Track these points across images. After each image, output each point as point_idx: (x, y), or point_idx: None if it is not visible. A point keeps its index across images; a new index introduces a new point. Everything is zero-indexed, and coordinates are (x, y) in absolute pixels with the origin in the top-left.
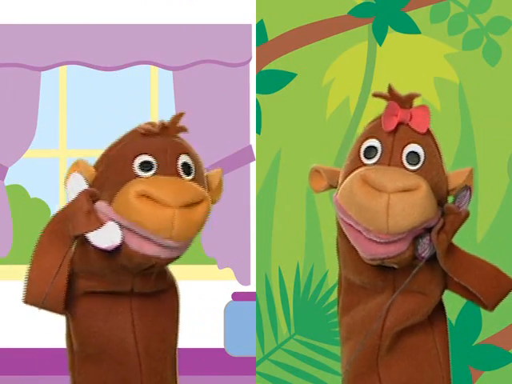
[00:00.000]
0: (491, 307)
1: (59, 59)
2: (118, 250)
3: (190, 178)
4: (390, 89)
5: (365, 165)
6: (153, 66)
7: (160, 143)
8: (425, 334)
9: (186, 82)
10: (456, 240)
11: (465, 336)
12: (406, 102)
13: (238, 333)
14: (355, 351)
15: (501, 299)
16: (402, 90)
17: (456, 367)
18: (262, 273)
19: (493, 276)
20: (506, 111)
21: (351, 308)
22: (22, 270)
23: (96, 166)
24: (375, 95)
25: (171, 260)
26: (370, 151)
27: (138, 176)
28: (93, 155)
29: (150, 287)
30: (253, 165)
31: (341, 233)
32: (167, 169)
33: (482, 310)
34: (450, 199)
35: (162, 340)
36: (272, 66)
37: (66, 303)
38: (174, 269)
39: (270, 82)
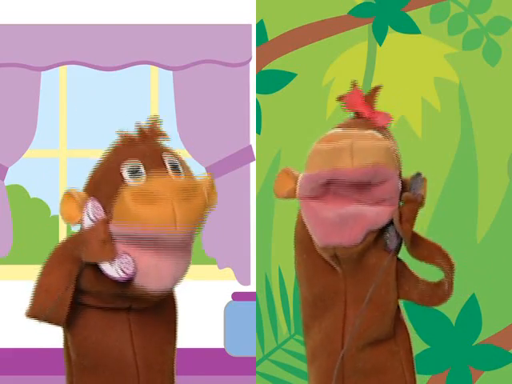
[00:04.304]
0: (451, 285)
1: (59, 59)
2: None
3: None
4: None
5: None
6: (153, 66)
7: (143, 148)
8: (391, 354)
9: (186, 82)
10: (456, 240)
11: (465, 336)
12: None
13: (238, 333)
14: (335, 369)
15: (453, 274)
16: (402, 90)
17: (456, 367)
18: (262, 273)
19: (445, 254)
20: (506, 111)
21: (310, 326)
22: (22, 269)
23: (86, 189)
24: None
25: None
26: None
27: (129, 183)
28: (93, 155)
29: (148, 303)
30: (253, 165)
31: (296, 245)
32: (156, 169)
33: (482, 310)
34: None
35: (161, 352)
36: (272, 65)
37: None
38: None
39: (270, 82)
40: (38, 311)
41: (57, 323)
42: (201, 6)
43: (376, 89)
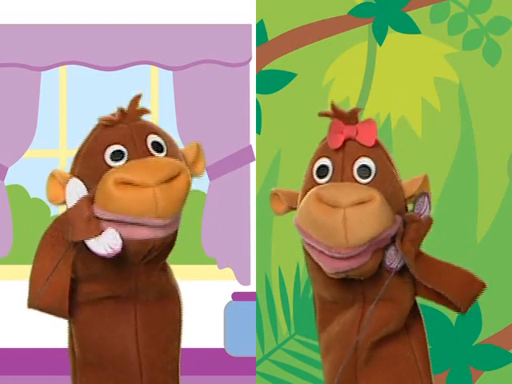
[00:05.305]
0: (464, 311)
1: (59, 59)
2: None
3: (163, 154)
4: (333, 107)
5: (318, 184)
6: (153, 66)
7: (124, 129)
8: (402, 343)
9: (186, 82)
10: (456, 240)
11: (465, 336)
12: (350, 117)
13: (238, 333)
14: (340, 366)
15: (473, 302)
16: (402, 90)
17: (456, 367)
18: (262, 273)
19: (465, 281)
20: (506, 111)
21: (327, 324)
22: (22, 269)
23: (72, 170)
24: (320, 114)
25: (167, 239)
26: (322, 170)
27: (111, 167)
28: None
29: (154, 281)
30: (253, 165)
31: (307, 252)
32: (138, 151)
33: (482, 310)
34: (410, 207)
35: (165, 350)
36: (272, 65)
37: (69, 308)
38: (174, 269)
39: (269, 81)
40: (34, 299)
41: (58, 313)
42: (201, 6)
43: (354, 111)
